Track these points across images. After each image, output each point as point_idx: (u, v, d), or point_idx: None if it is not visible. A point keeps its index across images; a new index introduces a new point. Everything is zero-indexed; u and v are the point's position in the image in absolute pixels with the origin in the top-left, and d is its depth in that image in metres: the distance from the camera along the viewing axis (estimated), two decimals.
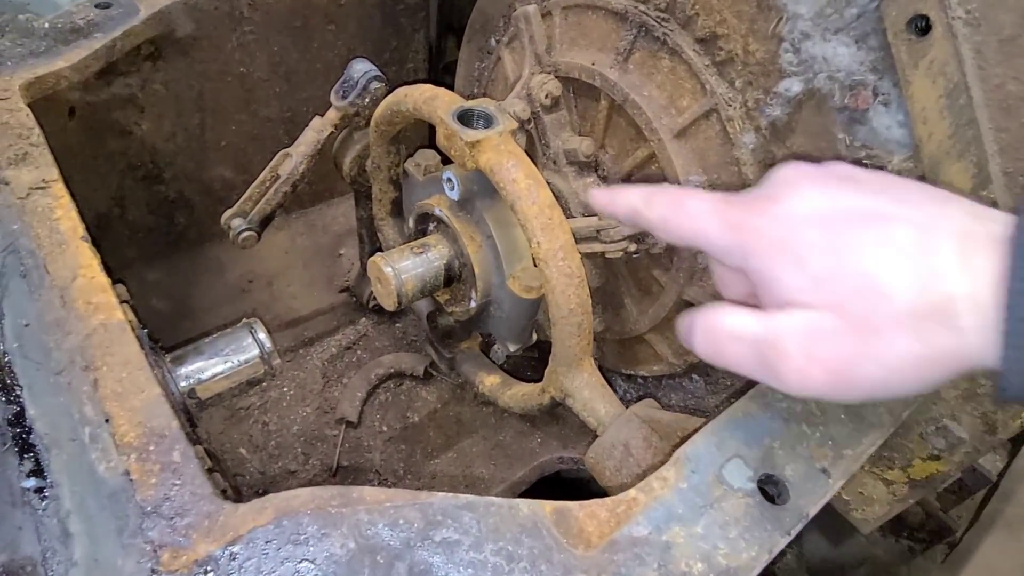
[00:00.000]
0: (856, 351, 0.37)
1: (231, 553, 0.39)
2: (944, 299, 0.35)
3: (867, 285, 0.37)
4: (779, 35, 0.68)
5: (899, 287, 0.36)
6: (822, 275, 0.38)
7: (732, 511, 0.44)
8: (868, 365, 0.37)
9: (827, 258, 0.38)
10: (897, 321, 0.36)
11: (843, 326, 0.37)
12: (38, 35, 0.75)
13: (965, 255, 0.36)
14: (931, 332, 0.35)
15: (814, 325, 0.38)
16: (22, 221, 0.56)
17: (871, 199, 0.39)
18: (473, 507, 0.42)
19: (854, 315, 0.37)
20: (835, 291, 0.37)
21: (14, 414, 0.44)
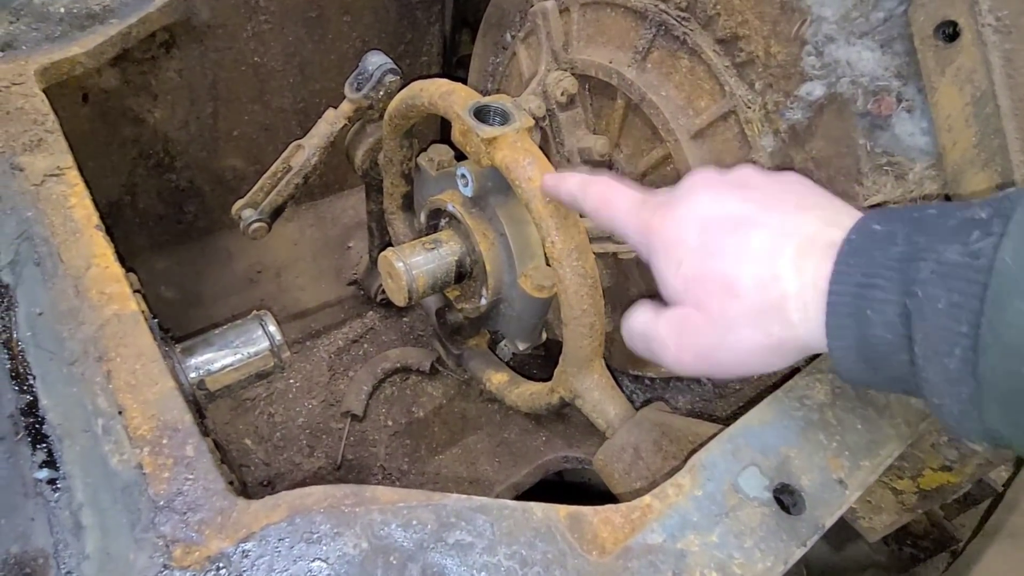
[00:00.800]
0: (714, 342, 0.45)
1: (244, 550, 0.39)
2: (778, 298, 0.42)
3: (723, 286, 0.44)
4: (802, 38, 0.67)
5: (746, 288, 0.44)
6: (692, 277, 0.46)
7: (748, 520, 0.43)
8: (725, 352, 0.45)
9: (697, 262, 0.46)
10: (745, 316, 0.44)
11: (705, 321, 0.45)
12: (53, 20, 0.75)
13: (801, 259, 0.42)
14: (769, 325, 0.43)
15: (684, 320, 0.47)
16: (36, 208, 0.55)
17: (746, 206, 0.46)
18: (487, 509, 0.42)
19: (712, 312, 0.45)
20: (700, 291, 0.46)
21: (27, 403, 0.44)
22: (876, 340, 0.39)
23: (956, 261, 0.35)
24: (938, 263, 0.36)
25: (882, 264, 0.38)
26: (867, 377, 0.41)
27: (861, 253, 0.40)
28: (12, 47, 0.71)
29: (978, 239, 0.35)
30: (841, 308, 0.40)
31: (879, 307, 0.38)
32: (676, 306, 0.48)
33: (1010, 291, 0.33)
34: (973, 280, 0.34)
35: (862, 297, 0.39)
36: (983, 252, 0.34)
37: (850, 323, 0.40)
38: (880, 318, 0.38)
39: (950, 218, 0.37)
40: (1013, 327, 0.33)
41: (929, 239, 0.37)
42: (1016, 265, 0.33)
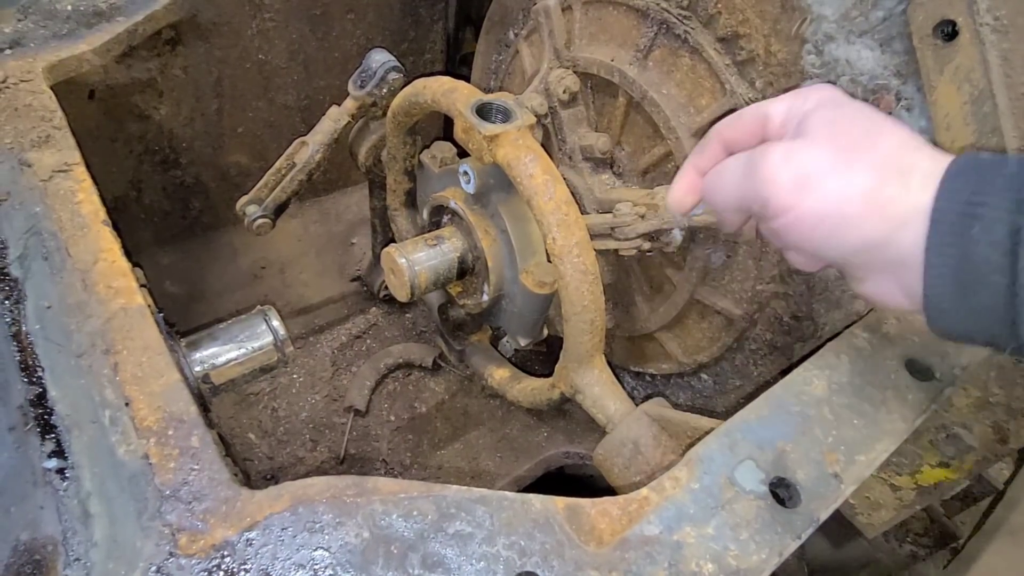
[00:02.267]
0: (826, 167, 0.43)
1: (248, 539, 0.39)
2: (909, 165, 0.42)
3: (866, 131, 0.44)
4: (802, 36, 0.68)
5: (886, 144, 0.43)
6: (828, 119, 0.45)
7: (743, 513, 0.44)
8: (830, 181, 0.43)
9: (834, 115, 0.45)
10: (872, 163, 0.42)
11: (828, 151, 0.43)
12: (61, 17, 0.75)
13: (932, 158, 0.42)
14: (889, 179, 0.42)
15: (805, 145, 0.44)
16: (44, 204, 0.56)
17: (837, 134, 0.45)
18: (486, 501, 0.43)
19: (843, 146, 0.43)
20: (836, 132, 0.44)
21: (36, 395, 0.44)
22: (978, 259, 0.38)
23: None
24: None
25: (993, 183, 0.37)
26: (953, 305, 0.40)
27: (970, 173, 0.39)
28: (20, 44, 0.72)
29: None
30: (944, 226, 0.39)
31: (987, 225, 0.37)
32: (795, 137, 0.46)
33: None
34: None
35: (970, 215, 0.38)
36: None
37: (953, 240, 0.39)
38: (987, 237, 0.37)
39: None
40: None
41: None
42: None
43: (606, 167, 0.93)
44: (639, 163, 0.90)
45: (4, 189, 0.57)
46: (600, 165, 0.93)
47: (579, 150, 0.92)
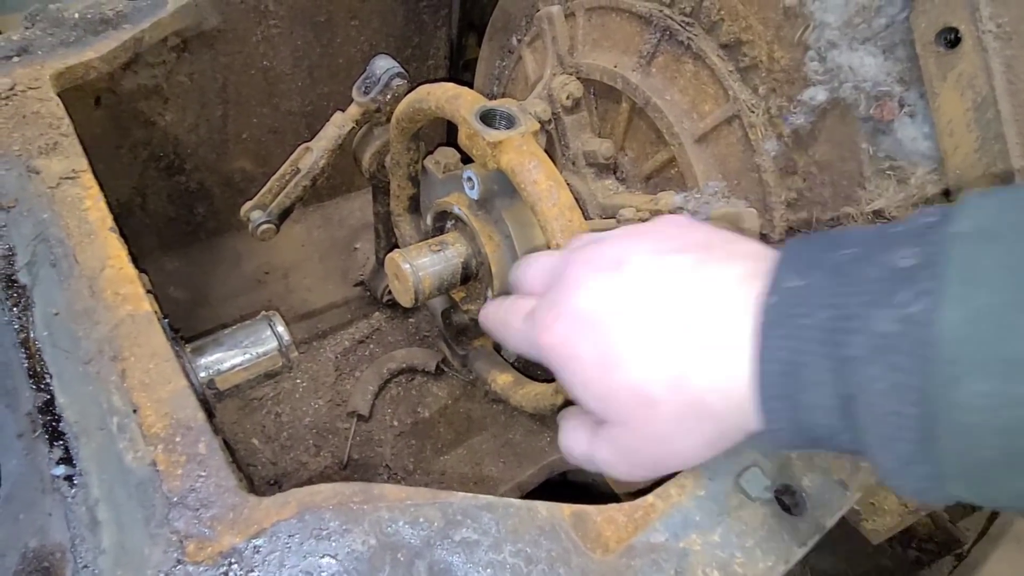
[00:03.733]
0: (656, 452, 0.43)
1: (255, 546, 0.39)
2: (694, 398, 0.38)
3: (636, 399, 0.40)
4: (805, 43, 0.68)
5: (660, 395, 0.39)
6: (602, 396, 0.43)
7: (749, 520, 0.44)
8: (672, 458, 0.43)
9: (601, 378, 0.42)
10: (671, 423, 0.40)
11: (636, 437, 0.42)
12: (68, 25, 0.76)
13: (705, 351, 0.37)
14: (698, 425, 0.39)
15: (617, 440, 0.44)
16: (52, 210, 0.57)
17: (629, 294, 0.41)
18: (492, 508, 0.43)
19: (639, 427, 0.42)
20: (617, 409, 0.42)
21: (44, 402, 0.45)
22: (815, 426, 0.34)
23: (890, 331, 0.30)
24: (870, 335, 0.31)
25: (808, 337, 0.33)
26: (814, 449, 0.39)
27: (784, 323, 0.34)
28: (28, 52, 0.72)
29: (910, 300, 0.30)
30: (772, 391, 0.35)
31: (813, 391, 0.33)
32: (604, 425, 0.45)
33: (960, 368, 0.28)
34: (914, 354, 0.29)
35: (793, 378, 0.34)
36: (918, 318, 0.29)
37: (784, 407, 0.35)
38: (816, 402, 0.33)
39: (872, 266, 0.32)
40: (970, 409, 0.28)
41: (854, 299, 0.32)
42: (962, 336, 0.28)
43: (609, 173, 0.94)
44: (642, 169, 0.90)
45: (12, 196, 0.57)
46: (603, 171, 0.93)
47: (582, 156, 0.93)
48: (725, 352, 0.37)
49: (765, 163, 0.75)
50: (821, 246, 0.36)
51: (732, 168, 0.78)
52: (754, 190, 0.77)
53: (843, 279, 0.33)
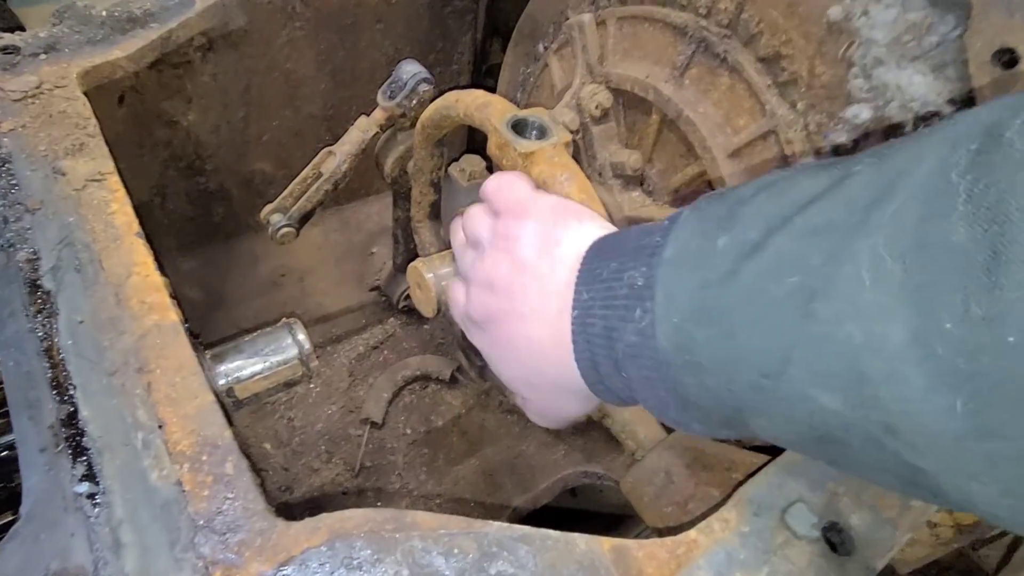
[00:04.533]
0: (545, 406, 0.56)
1: (284, 574, 0.38)
2: (553, 383, 0.50)
3: (518, 387, 0.55)
4: (849, 59, 0.66)
5: (526, 390, 0.55)
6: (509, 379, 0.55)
7: (796, 560, 0.42)
8: (558, 412, 0.56)
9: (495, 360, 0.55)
10: (546, 400, 0.55)
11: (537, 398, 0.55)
12: (95, 23, 0.75)
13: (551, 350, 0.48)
14: (564, 395, 0.51)
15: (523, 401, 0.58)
16: (78, 214, 0.55)
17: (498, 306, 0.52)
18: (529, 539, 0.41)
19: (533, 401, 0.56)
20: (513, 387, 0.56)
21: (67, 414, 0.43)
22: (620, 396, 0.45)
23: (634, 342, 0.40)
24: (626, 344, 0.41)
25: (596, 342, 0.43)
26: None
27: (582, 331, 0.44)
28: (55, 49, 0.71)
29: (641, 317, 0.39)
30: (588, 377, 0.46)
31: (608, 377, 0.44)
32: None
33: (675, 368, 0.38)
34: (652, 358, 0.39)
35: (596, 369, 0.44)
36: (647, 332, 0.39)
37: (599, 387, 0.46)
38: (612, 384, 0.44)
39: (622, 284, 0.41)
40: (694, 391, 0.38)
41: (614, 312, 0.41)
42: (669, 345, 0.38)
43: (636, 185, 0.92)
44: (670, 182, 0.88)
45: (38, 198, 0.56)
46: (630, 182, 0.91)
47: (609, 167, 0.91)
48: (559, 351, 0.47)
49: None
50: (600, 256, 0.45)
51: None
52: None
53: (608, 294, 0.42)
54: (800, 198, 0.35)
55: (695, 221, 0.40)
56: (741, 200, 0.38)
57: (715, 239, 0.37)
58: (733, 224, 0.37)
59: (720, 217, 0.38)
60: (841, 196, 0.33)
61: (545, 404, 0.54)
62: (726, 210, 0.38)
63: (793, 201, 0.35)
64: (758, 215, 0.36)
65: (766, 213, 0.36)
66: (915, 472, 0.30)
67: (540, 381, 0.50)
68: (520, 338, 0.49)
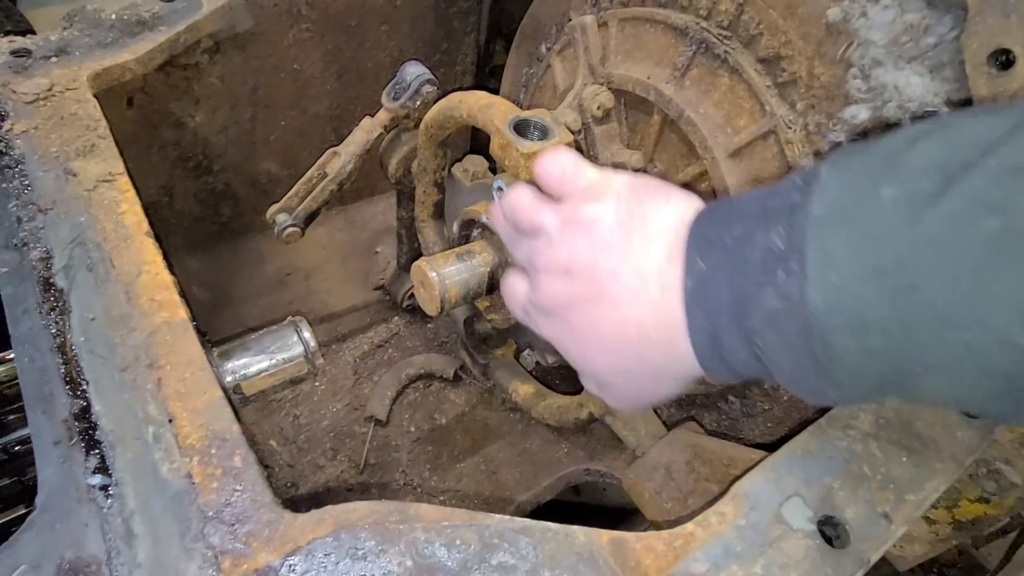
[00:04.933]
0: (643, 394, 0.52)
1: (290, 564, 0.39)
2: (657, 367, 0.47)
3: (614, 377, 0.51)
4: (848, 60, 0.67)
5: (629, 370, 0.49)
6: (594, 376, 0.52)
7: (792, 552, 0.43)
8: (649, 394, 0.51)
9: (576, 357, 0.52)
10: (645, 386, 0.50)
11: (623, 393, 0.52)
12: (105, 26, 0.76)
13: (658, 331, 0.45)
14: (665, 380, 0.48)
15: (607, 391, 0.54)
16: (89, 213, 0.57)
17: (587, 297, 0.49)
18: (529, 531, 0.42)
19: (627, 390, 0.51)
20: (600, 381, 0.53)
21: (80, 408, 0.44)
22: (744, 373, 0.43)
23: (776, 307, 0.38)
24: (763, 310, 0.39)
25: (720, 312, 0.41)
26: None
27: (700, 304, 0.42)
28: (66, 52, 0.73)
29: (784, 280, 0.37)
30: (705, 354, 0.43)
31: (733, 352, 0.41)
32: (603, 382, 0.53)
33: (829, 332, 0.36)
34: (796, 322, 0.37)
35: (717, 344, 0.42)
36: (793, 295, 0.37)
37: (717, 365, 0.43)
38: (738, 359, 0.42)
39: (755, 248, 0.39)
40: (844, 357, 0.37)
41: (746, 279, 0.39)
42: (825, 306, 0.36)
43: None
44: (672, 182, 0.88)
45: (50, 198, 0.57)
46: None
47: (611, 167, 0.91)
48: (667, 332, 0.44)
49: None
50: (716, 223, 0.43)
51: (766, 184, 0.77)
52: None
53: (735, 260, 0.40)
54: (979, 140, 0.33)
55: (842, 176, 0.37)
56: (896, 151, 0.36)
57: (876, 190, 0.35)
58: (897, 173, 0.35)
59: (875, 168, 0.36)
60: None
61: (632, 390, 0.50)
62: (881, 162, 0.36)
63: (971, 143, 0.33)
64: (927, 161, 0.34)
65: (938, 160, 0.34)
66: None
67: (636, 367, 0.47)
68: (612, 323, 0.46)
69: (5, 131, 0.65)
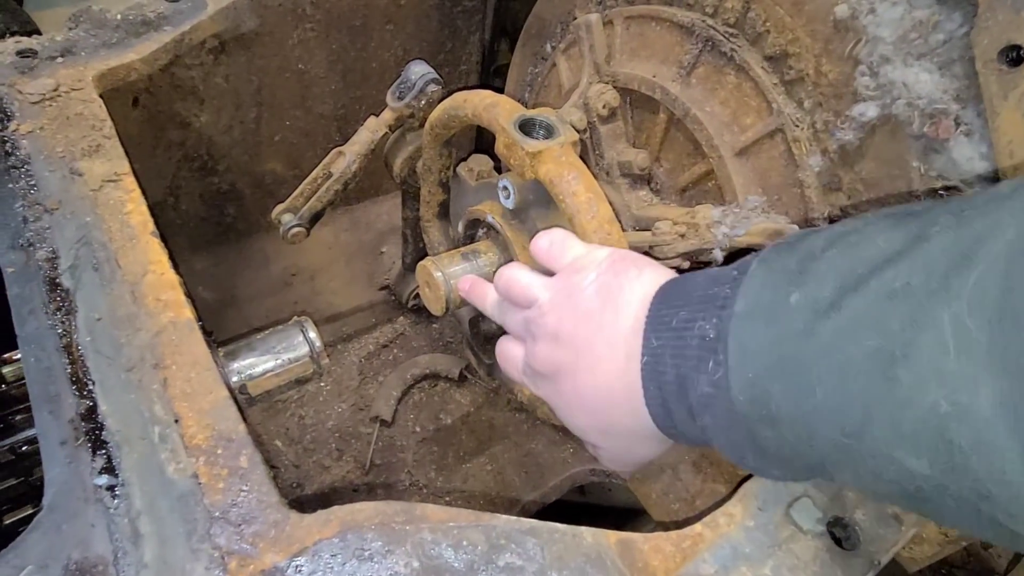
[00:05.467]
0: (621, 454, 0.55)
1: (296, 565, 0.39)
2: (625, 429, 0.50)
3: (590, 437, 0.55)
4: (856, 57, 0.66)
5: (597, 438, 0.54)
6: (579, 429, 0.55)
7: (801, 554, 0.43)
8: (632, 456, 0.54)
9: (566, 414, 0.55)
10: (621, 445, 0.53)
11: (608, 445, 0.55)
12: (110, 26, 0.76)
13: (621, 399, 0.48)
14: (638, 441, 0.51)
15: (595, 447, 0.57)
16: (95, 213, 0.57)
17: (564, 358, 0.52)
18: (536, 532, 0.42)
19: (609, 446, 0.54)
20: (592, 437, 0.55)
21: (87, 409, 0.44)
22: (694, 440, 0.45)
23: (708, 393, 0.40)
24: (699, 394, 0.41)
25: (668, 388, 0.44)
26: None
27: (653, 378, 0.45)
28: (72, 53, 0.73)
29: (714, 368, 0.40)
30: (660, 422, 0.46)
31: (681, 423, 0.44)
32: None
33: (751, 421, 0.39)
34: (727, 409, 0.40)
35: (669, 415, 0.45)
36: (720, 383, 0.39)
37: (672, 431, 0.46)
38: (686, 429, 0.44)
39: (694, 334, 0.42)
40: (766, 444, 0.39)
41: (686, 363, 0.42)
42: (744, 397, 0.38)
43: (644, 184, 0.92)
44: (678, 180, 0.88)
45: (56, 198, 0.57)
46: (638, 181, 0.92)
47: (617, 166, 0.91)
48: (631, 400, 0.47)
49: (808, 179, 0.73)
50: (668, 303, 0.46)
51: (773, 183, 0.77)
52: (795, 206, 0.75)
53: (679, 343, 0.43)
54: (874, 256, 0.34)
55: (764, 274, 0.39)
56: (811, 255, 0.37)
57: (787, 295, 0.37)
58: (805, 280, 0.36)
59: (790, 271, 0.38)
60: (919, 259, 0.32)
61: (618, 450, 0.53)
62: (796, 263, 0.38)
63: (867, 259, 0.34)
64: (830, 272, 0.35)
65: (838, 270, 0.35)
66: (1014, 536, 0.30)
67: (613, 429, 0.50)
68: (589, 388, 0.49)
69: (11, 131, 0.65)
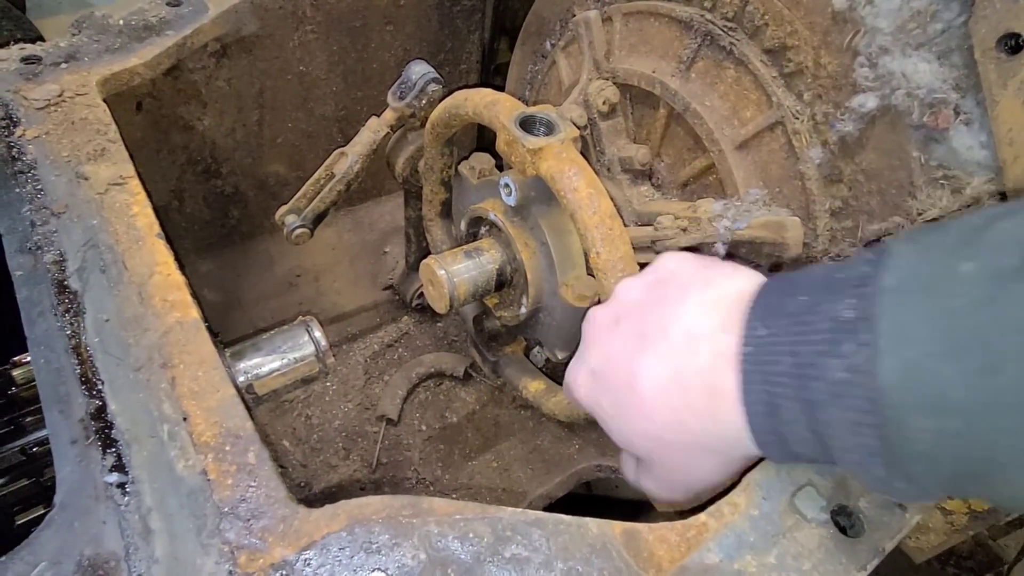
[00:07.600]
0: (684, 480, 0.50)
1: (305, 558, 0.39)
2: (695, 439, 0.45)
3: (652, 443, 0.49)
4: (855, 49, 0.66)
5: (668, 438, 0.47)
6: (626, 442, 0.51)
7: (805, 542, 0.43)
8: (697, 484, 0.49)
9: (620, 429, 0.50)
10: (683, 457, 0.48)
11: (663, 469, 0.50)
12: (113, 31, 0.77)
13: (702, 397, 0.43)
14: (707, 456, 0.46)
15: (652, 472, 0.53)
16: (101, 216, 0.57)
17: (626, 344, 0.48)
18: (542, 524, 0.42)
19: (662, 462, 0.50)
20: (641, 451, 0.51)
21: (96, 408, 0.45)
22: (801, 451, 0.40)
23: (842, 379, 0.35)
24: (827, 382, 0.36)
25: (779, 382, 0.39)
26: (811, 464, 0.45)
27: (759, 371, 0.40)
28: (75, 58, 0.73)
29: (853, 351, 0.35)
30: (759, 428, 0.41)
31: (791, 427, 0.39)
32: (640, 460, 0.52)
33: (902, 411, 0.33)
34: (863, 398, 0.35)
35: (774, 416, 0.39)
36: (863, 368, 0.34)
37: (772, 440, 0.41)
38: (796, 435, 0.39)
39: (820, 316, 0.37)
40: (919, 440, 0.34)
41: (810, 347, 0.37)
42: (899, 382, 0.33)
43: (645, 179, 0.92)
44: (679, 175, 0.89)
45: (62, 202, 0.58)
46: (639, 177, 0.92)
47: (618, 162, 0.92)
48: (713, 400, 0.42)
49: (809, 171, 0.73)
50: (780, 292, 0.41)
51: (774, 176, 0.77)
52: (797, 198, 0.75)
53: (798, 328, 0.38)
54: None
55: (916, 250, 0.36)
56: (974, 228, 0.35)
57: (954, 265, 0.33)
58: (977, 250, 0.33)
59: (951, 245, 0.35)
60: None
61: (673, 467, 0.48)
62: (957, 237, 0.35)
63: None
64: (1009, 239, 0.33)
65: (1021, 237, 0.32)
66: None
67: (673, 435, 0.45)
68: (652, 380, 0.44)
69: (17, 137, 0.66)
